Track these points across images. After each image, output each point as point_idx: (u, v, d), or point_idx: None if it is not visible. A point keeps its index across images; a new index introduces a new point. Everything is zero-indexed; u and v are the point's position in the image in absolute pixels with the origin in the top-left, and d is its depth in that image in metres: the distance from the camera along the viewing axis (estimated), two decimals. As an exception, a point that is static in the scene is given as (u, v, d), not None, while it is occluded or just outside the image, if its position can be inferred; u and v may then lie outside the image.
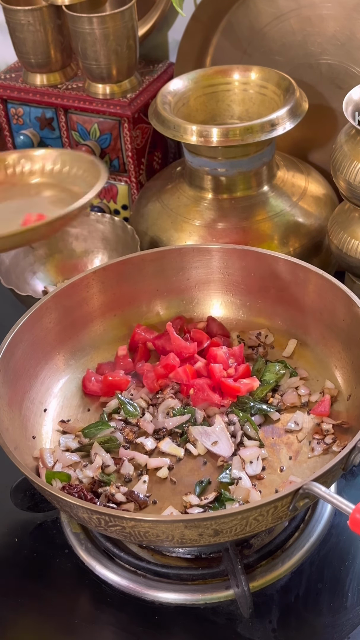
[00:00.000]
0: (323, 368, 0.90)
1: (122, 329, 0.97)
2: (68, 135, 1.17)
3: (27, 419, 0.85)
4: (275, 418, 0.87)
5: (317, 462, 0.81)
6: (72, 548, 0.83)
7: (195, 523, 0.66)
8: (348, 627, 0.74)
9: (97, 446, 0.84)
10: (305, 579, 0.78)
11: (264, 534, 0.80)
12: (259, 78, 1.07)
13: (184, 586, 0.78)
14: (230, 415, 0.86)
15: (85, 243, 1.18)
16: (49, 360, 0.91)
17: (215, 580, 0.78)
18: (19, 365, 0.85)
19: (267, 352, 0.94)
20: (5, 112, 1.20)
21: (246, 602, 0.72)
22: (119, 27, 1.05)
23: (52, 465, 0.82)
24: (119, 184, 1.18)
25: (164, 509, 0.78)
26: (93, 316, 0.95)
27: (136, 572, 0.79)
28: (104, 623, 0.77)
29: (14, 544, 0.84)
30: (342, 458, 0.69)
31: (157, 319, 0.98)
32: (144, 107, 1.13)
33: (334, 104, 1.11)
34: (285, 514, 0.69)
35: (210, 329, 0.96)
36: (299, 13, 1.09)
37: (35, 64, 1.15)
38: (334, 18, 1.07)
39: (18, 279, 1.12)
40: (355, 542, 0.81)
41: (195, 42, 1.17)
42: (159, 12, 1.20)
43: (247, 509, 0.65)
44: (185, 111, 1.07)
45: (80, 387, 0.92)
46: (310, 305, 0.92)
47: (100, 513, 0.67)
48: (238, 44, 1.15)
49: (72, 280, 0.93)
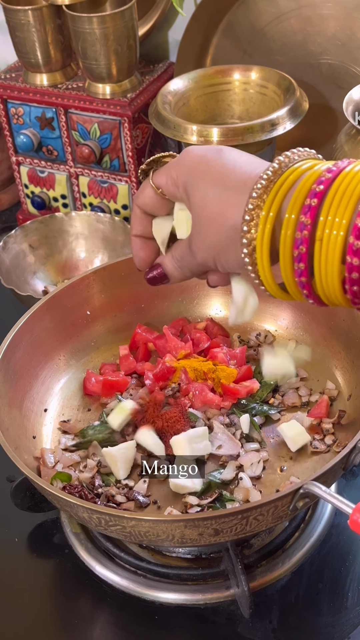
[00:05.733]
0: (323, 368, 0.90)
1: (123, 329, 0.97)
2: (68, 135, 1.17)
3: (28, 418, 0.85)
4: (275, 418, 0.87)
5: (317, 462, 0.81)
6: (72, 548, 0.83)
7: (196, 523, 0.66)
8: (348, 627, 0.74)
9: (95, 445, 0.84)
10: (305, 579, 0.78)
11: (264, 534, 0.80)
12: (259, 78, 1.07)
13: (184, 586, 0.78)
14: (231, 416, 0.85)
15: (85, 243, 1.18)
16: (49, 360, 0.91)
17: (215, 580, 0.78)
18: (19, 365, 0.85)
19: (267, 352, 0.94)
20: (6, 111, 1.20)
21: (246, 602, 0.72)
22: (119, 27, 1.05)
23: (53, 465, 0.82)
24: (119, 184, 1.18)
25: (164, 509, 0.78)
26: (93, 316, 0.95)
27: (136, 572, 0.79)
28: (104, 623, 0.77)
29: (14, 544, 0.84)
30: (342, 458, 0.69)
31: (157, 319, 0.98)
32: (144, 106, 1.12)
33: (334, 104, 1.11)
34: (285, 513, 0.69)
35: (211, 330, 0.96)
36: (299, 13, 1.09)
37: (35, 64, 1.15)
38: (334, 18, 1.07)
39: (18, 279, 1.12)
40: (355, 542, 0.81)
41: (195, 42, 1.17)
42: (159, 12, 1.20)
43: (247, 508, 0.65)
44: (185, 111, 1.07)
45: (81, 387, 0.92)
46: (310, 306, 0.90)
47: (101, 513, 0.67)
48: (238, 43, 1.15)
49: (72, 280, 0.93)
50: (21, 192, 1.28)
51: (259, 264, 0.59)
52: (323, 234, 0.54)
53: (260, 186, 0.58)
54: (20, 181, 1.27)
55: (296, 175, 0.57)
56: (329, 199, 0.54)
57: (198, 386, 0.87)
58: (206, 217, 0.62)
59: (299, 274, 0.57)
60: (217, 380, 0.88)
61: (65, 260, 1.18)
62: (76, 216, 1.17)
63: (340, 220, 0.53)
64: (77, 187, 1.22)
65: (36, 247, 1.16)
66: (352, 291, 0.55)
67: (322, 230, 0.54)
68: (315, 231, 0.55)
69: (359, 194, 0.53)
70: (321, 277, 0.56)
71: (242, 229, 0.58)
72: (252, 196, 0.58)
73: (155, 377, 0.89)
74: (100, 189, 1.20)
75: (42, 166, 1.23)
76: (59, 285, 0.93)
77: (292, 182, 0.57)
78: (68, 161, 1.20)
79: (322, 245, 0.55)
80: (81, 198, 1.23)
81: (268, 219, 0.57)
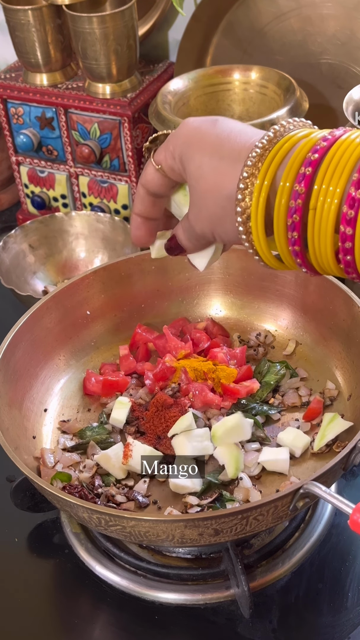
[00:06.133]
0: (323, 368, 0.90)
1: (123, 329, 0.97)
2: (68, 135, 1.17)
3: (28, 418, 0.85)
4: (276, 418, 0.87)
5: (317, 462, 0.81)
6: (72, 548, 0.83)
7: (196, 523, 0.66)
8: (348, 627, 0.74)
9: (93, 445, 0.84)
10: (305, 579, 0.78)
11: (264, 534, 0.80)
12: (259, 78, 1.07)
13: (184, 586, 0.78)
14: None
15: (85, 243, 1.18)
16: (49, 360, 0.91)
17: (215, 580, 0.78)
18: (19, 365, 0.85)
19: (267, 353, 0.94)
20: (6, 111, 1.20)
21: (246, 602, 0.72)
22: (119, 27, 1.05)
23: (53, 465, 0.82)
24: (119, 184, 1.18)
25: (164, 509, 0.78)
26: (93, 316, 0.95)
27: (136, 572, 0.79)
28: (104, 623, 0.77)
29: (14, 544, 0.84)
30: (342, 458, 0.69)
31: (157, 319, 0.98)
32: (144, 106, 1.12)
33: (334, 104, 1.11)
34: (285, 513, 0.69)
35: (211, 330, 0.96)
36: (299, 13, 1.09)
37: (35, 64, 1.15)
38: (334, 18, 1.07)
39: (18, 279, 1.12)
40: (355, 542, 0.81)
41: (195, 41, 1.17)
42: (159, 12, 1.20)
43: (247, 508, 0.65)
44: (185, 111, 1.07)
45: (81, 387, 0.92)
46: (310, 306, 0.92)
47: (101, 513, 0.67)
48: (238, 43, 1.15)
49: (72, 280, 0.93)
50: (21, 192, 1.28)
51: (254, 233, 0.59)
52: (317, 202, 0.54)
53: (255, 154, 0.58)
54: (20, 181, 1.27)
55: (291, 143, 0.57)
56: (323, 168, 0.54)
57: (198, 386, 0.87)
58: (202, 187, 0.62)
59: (293, 243, 0.57)
60: (217, 380, 0.88)
61: (65, 260, 1.18)
62: (76, 216, 1.17)
63: (334, 189, 0.54)
64: (77, 187, 1.22)
65: (36, 247, 1.16)
66: (346, 260, 0.55)
67: (315, 199, 0.55)
68: (309, 200, 0.55)
69: (353, 162, 0.53)
70: (314, 246, 0.56)
71: (237, 197, 0.58)
72: (246, 164, 0.58)
73: (155, 377, 0.89)
74: (100, 189, 1.20)
75: (42, 166, 1.23)
76: (59, 285, 0.93)
77: (287, 151, 0.57)
78: (68, 161, 1.20)
79: (315, 214, 0.55)
80: (81, 198, 1.23)
81: (263, 187, 0.57)
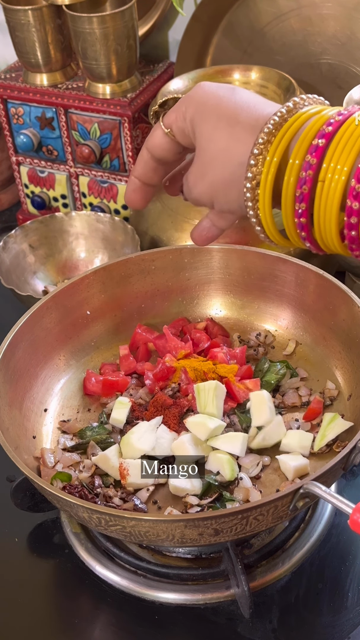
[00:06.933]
0: (323, 368, 0.90)
1: (123, 329, 0.97)
2: (68, 135, 1.17)
3: (28, 418, 0.85)
4: (275, 418, 0.87)
5: (317, 462, 0.81)
6: (72, 548, 0.83)
7: (196, 523, 0.65)
8: (348, 627, 0.74)
9: (93, 445, 0.84)
10: (305, 579, 0.78)
11: (264, 534, 0.80)
12: (259, 78, 1.07)
13: (184, 586, 0.78)
14: (232, 417, 0.85)
15: (85, 243, 1.18)
16: (49, 360, 0.91)
17: (215, 580, 0.78)
18: (19, 365, 0.85)
19: (267, 353, 0.94)
20: (6, 111, 1.20)
21: (246, 602, 0.72)
22: (119, 27, 1.05)
23: (53, 465, 0.82)
24: (119, 184, 1.18)
25: (164, 509, 0.78)
26: (93, 316, 0.95)
27: (136, 572, 0.79)
28: (104, 623, 0.77)
29: (14, 544, 0.84)
30: (342, 458, 0.69)
31: (157, 319, 0.98)
32: (144, 106, 1.12)
33: (335, 104, 1.10)
34: (285, 513, 0.69)
35: (211, 330, 0.96)
36: (299, 13, 1.09)
37: (35, 64, 1.15)
38: (334, 18, 1.07)
39: (18, 279, 1.12)
40: (355, 542, 0.81)
41: (195, 41, 1.17)
42: (159, 12, 1.20)
43: (247, 508, 0.65)
44: (185, 111, 1.07)
45: (81, 387, 0.92)
46: (310, 306, 0.92)
47: (101, 513, 0.67)
48: (238, 43, 1.15)
49: (72, 280, 0.93)
50: (21, 192, 1.28)
51: (260, 201, 0.60)
52: (326, 175, 0.56)
53: (272, 122, 0.59)
54: (20, 181, 1.27)
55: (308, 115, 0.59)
56: (335, 141, 0.56)
57: (198, 386, 0.87)
58: (213, 150, 0.62)
59: (299, 215, 0.58)
60: (217, 379, 0.87)
61: (65, 260, 1.18)
62: (76, 216, 1.17)
63: (343, 163, 0.55)
64: (77, 187, 1.22)
65: (36, 247, 1.16)
66: (350, 236, 0.56)
67: (325, 172, 0.56)
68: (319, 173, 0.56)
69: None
70: (320, 220, 0.57)
71: (249, 162, 0.59)
72: (263, 131, 0.59)
73: (155, 377, 0.89)
74: (100, 189, 1.20)
75: (42, 166, 1.23)
76: (59, 285, 0.93)
77: (303, 122, 0.59)
78: (68, 161, 1.20)
79: (324, 186, 0.56)
80: (81, 198, 1.23)
81: (276, 152, 0.59)
